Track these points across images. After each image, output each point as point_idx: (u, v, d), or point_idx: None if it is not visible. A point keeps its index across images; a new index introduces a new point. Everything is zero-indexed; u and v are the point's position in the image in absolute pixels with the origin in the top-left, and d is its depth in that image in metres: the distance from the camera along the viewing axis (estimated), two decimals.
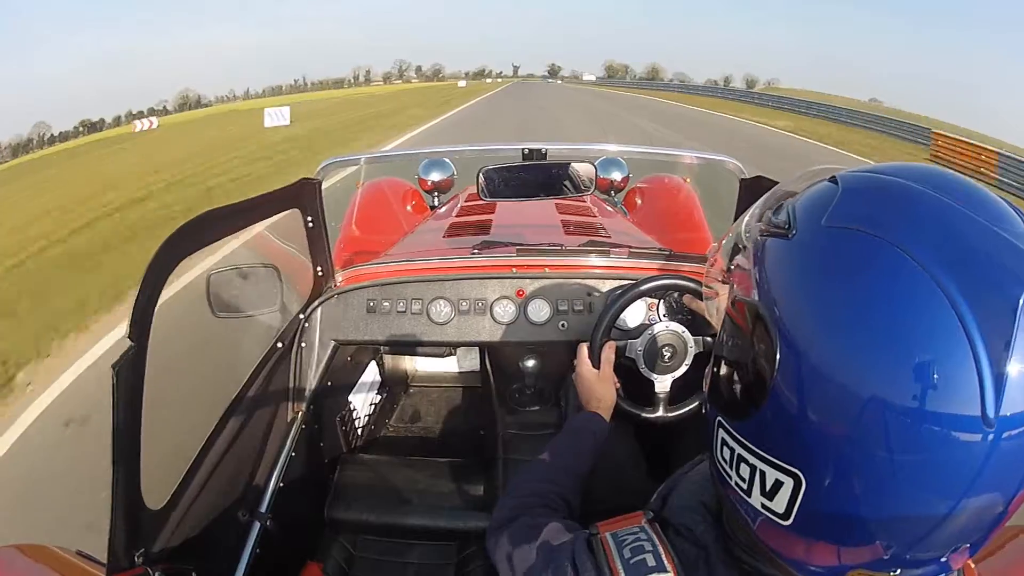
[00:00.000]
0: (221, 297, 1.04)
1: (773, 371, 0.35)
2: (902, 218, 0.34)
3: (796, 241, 0.37)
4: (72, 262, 5.04)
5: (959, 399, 0.31)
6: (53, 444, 2.44)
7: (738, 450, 0.39)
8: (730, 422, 0.41)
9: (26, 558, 0.83)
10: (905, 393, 0.31)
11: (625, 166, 2.58)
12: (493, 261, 1.29)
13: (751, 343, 0.38)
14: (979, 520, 0.34)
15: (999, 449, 0.31)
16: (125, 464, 0.65)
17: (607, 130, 13.96)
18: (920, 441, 0.32)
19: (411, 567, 1.26)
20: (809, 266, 0.36)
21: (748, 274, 0.40)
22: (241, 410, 1.00)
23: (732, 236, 0.45)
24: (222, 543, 0.95)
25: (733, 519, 0.45)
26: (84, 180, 10.75)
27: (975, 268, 0.32)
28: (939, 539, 0.35)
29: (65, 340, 3.41)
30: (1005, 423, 0.31)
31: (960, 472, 0.32)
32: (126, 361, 0.62)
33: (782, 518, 0.37)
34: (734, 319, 0.41)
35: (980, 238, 0.33)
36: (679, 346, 1.08)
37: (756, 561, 0.44)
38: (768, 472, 0.37)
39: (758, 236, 0.40)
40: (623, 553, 0.47)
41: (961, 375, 0.31)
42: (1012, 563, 0.75)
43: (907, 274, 0.32)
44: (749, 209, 0.45)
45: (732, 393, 0.41)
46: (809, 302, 0.35)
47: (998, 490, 0.33)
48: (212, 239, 0.80)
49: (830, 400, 0.33)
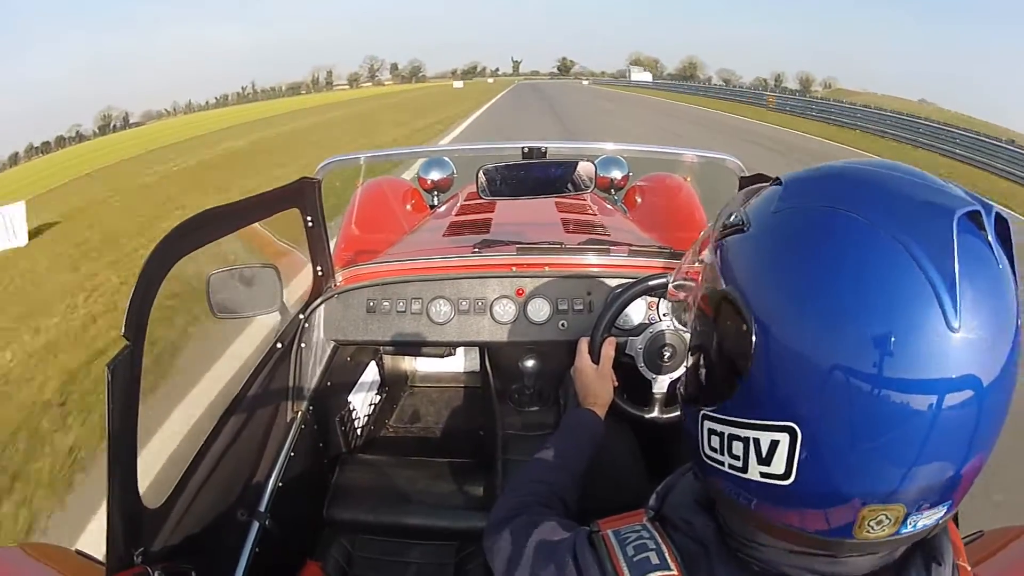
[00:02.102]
0: (221, 297, 1.04)
1: (751, 346, 0.39)
2: (839, 187, 0.40)
3: (750, 232, 0.42)
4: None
5: (922, 316, 0.34)
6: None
7: (728, 431, 0.42)
8: (716, 408, 0.43)
9: (26, 557, 0.83)
10: (873, 322, 0.35)
11: (625, 164, 2.58)
12: (493, 260, 1.29)
13: (724, 326, 0.42)
14: (941, 473, 0.37)
15: (964, 343, 0.35)
16: (122, 463, 0.65)
17: None
18: (898, 360, 0.35)
19: (411, 567, 1.26)
20: (765, 245, 0.41)
21: (713, 269, 0.44)
22: (241, 410, 1.00)
23: (697, 241, 0.50)
24: (221, 542, 0.95)
25: (728, 510, 0.46)
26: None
27: (908, 208, 0.37)
28: (943, 478, 0.37)
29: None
30: (970, 360, 0.35)
31: (938, 383, 0.35)
32: (122, 360, 0.62)
33: (783, 478, 0.39)
34: (707, 310, 0.45)
35: (908, 187, 0.38)
36: (679, 346, 1.08)
37: (753, 550, 0.45)
38: (762, 437, 0.39)
39: (717, 240, 0.45)
40: (626, 550, 0.47)
41: (920, 297, 0.35)
42: (1012, 563, 0.75)
43: (855, 229, 0.37)
44: (708, 230, 0.49)
45: (713, 378, 0.43)
46: (771, 276, 0.39)
47: (993, 428, 0.37)
48: (210, 239, 0.80)
49: (811, 355, 0.37)
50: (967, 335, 0.34)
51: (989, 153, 12.56)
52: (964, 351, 0.34)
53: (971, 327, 0.34)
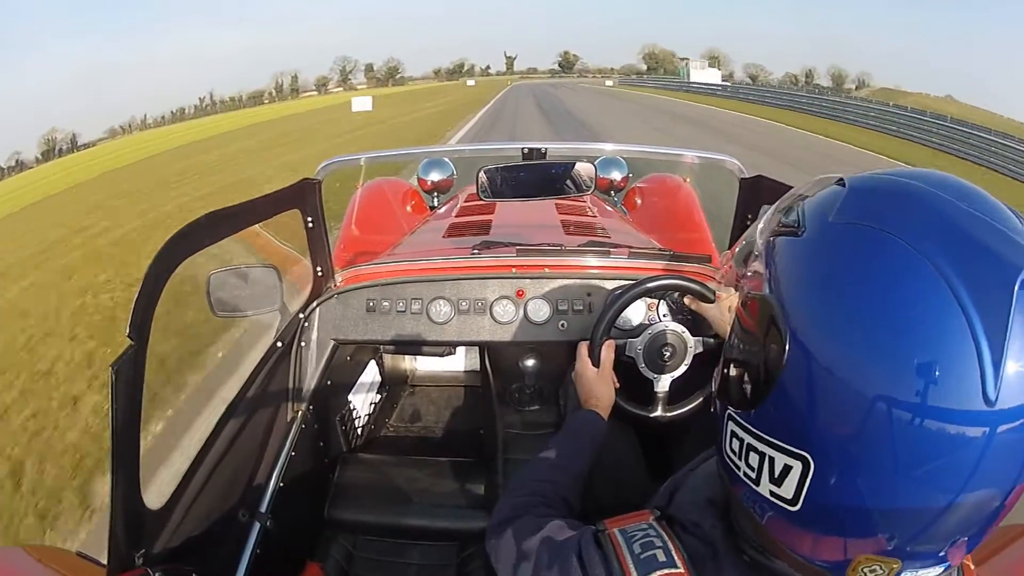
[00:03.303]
0: (221, 297, 1.04)
1: (782, 360, 0.37)
2: (903, 212, 0.36)
3: (805, 238, 0.39)
4: None
5: (959, 381, 0.32)
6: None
7: (747, 440, 0.41)
8: (740, 414, 0.42)
9: (27, 558, 0.83)
10: (905, 377, 0.33)
11: (625, 166, 2.58)
12: (493, 261, 1.29)
13: (761, 336, 0.40)
14: (978, 513, 0.35)
15: (996, 442, 0.32)
16: (124, 464, 0.65)
17: None
18: (921, 430, 0.33)
19: (411, 567, 1.26)
20: (816, 260, 0.38)
21: (759, 271, 0.42)
22: (241, 410, 1.00)
23: (745, 243, 0.47)
24: (222, 543, 0.95)
25: (741, 515, 0.46)
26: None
27: (973, 255, 0.33)
28: (939, 531, 0.36)
29: None
30: (1003, 416, 0.32)
31: (960, 464, 0.33)
32: (125, 360, 0.62)
33: (790, 504, 0.38)
34: (744, 316, 0.43)
35: (977, 229, 0.34)
36: (679, 346, 1.08)
37: (763, 557, 0.44)
38: (777, 458, 0.38)
39: (770, 236, 0.42)
40: (633, 549, 0.47)
41: (961, 355, 0.32)
42: (1013, 564, 0.75)
43: (908, 263, 0.34)
44: (763, 215, 0.47)
45: (743, 386, 0.42)
46: (815, 293, 0.37)
47: (995, 484, 0.34)
48: (213, 240, 0.80)
49: (835, 387, 0.35)
50: (1003, 409, 0.32)
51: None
52: (997, 429, 0.32)
53: (1010, 402, 0.32)
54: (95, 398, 2.84)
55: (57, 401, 2.89)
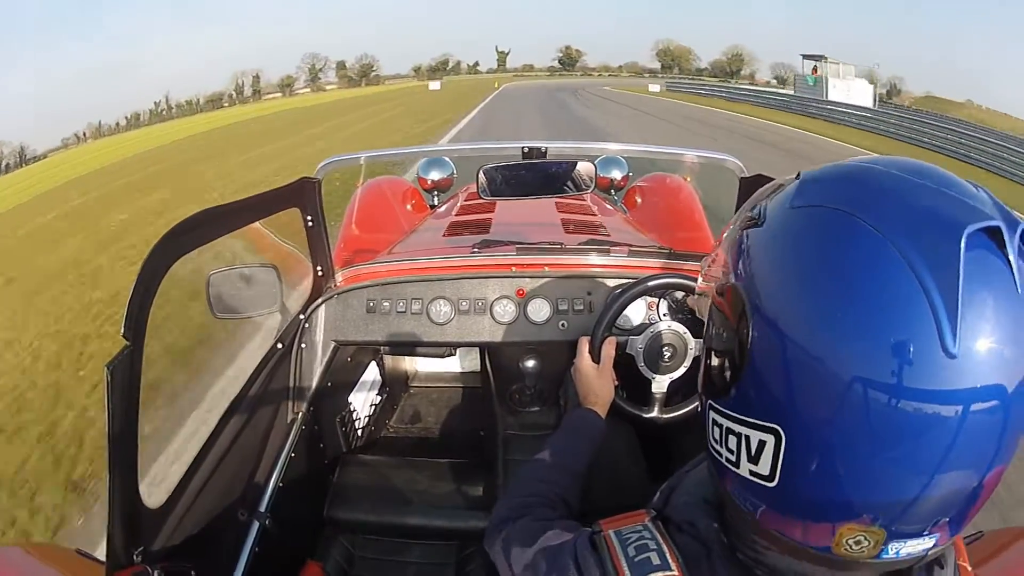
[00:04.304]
0: (221, 298, 1.03)
1: (748, 342, 0.39)
2: (850, 190, 0.38)
3: (765, 227, 0.41)
4: None
5: (917, 340, 0.33)
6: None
7: (726, 424, 0.42)
8: (718, 400, 0.44)
9: (27, 557, 0.84)
10: (863, 346, 0.34)
11: (625, 164, 2.57)
12: (493, 260, 1.29)
13: (729, 322, 0.42)
14: (957, 494, 0.36)
15: (970, 421, 0.33)
16: (122, 463, 0.65)
17: None
18: (884, 402, 0.34)
19: (411, 567, 1.26)
20: (772, 243, 0.40)
21: (727, 262, 0.44)
22: (241, 410, 1.00)
23: (723, 240, 0.48)
24: (222, 542, 0.95)
25: (735, 512, 0.46)
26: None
27: (919, 219, 0.35)
28: (919, 511, 0.36)
29: None
30: (975, 395, 0.33)
31: (933, 443, 0.34)
32: (122, 360, 0.62)
33: (767, 480, 0.40)
34: (715, 305, 0.45)
35: (924, 197, 0.36)
36: (680, 346, 1.08)
37: (758, 554, 0.44)
38: (752, 436, 0.40)
39: (737, 233, 0.44)
40: (627, 551, 0.47)
41: (918, 316, 0.33)
42: (1013, 565, 0.75)
43: (858, 235, 0.36)
44: (734, 220, 0.48)
45: (720, 373, 0.44)
46: (772, 274, 0.39)
47: (971, 465, 0.35)
48: (209, 238, 0.80)
49: (796, 362, 0.37)
50: (966, 361, 0.33)
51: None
52: (962, 378, 0.33)
53: (973, 352, 0.33)
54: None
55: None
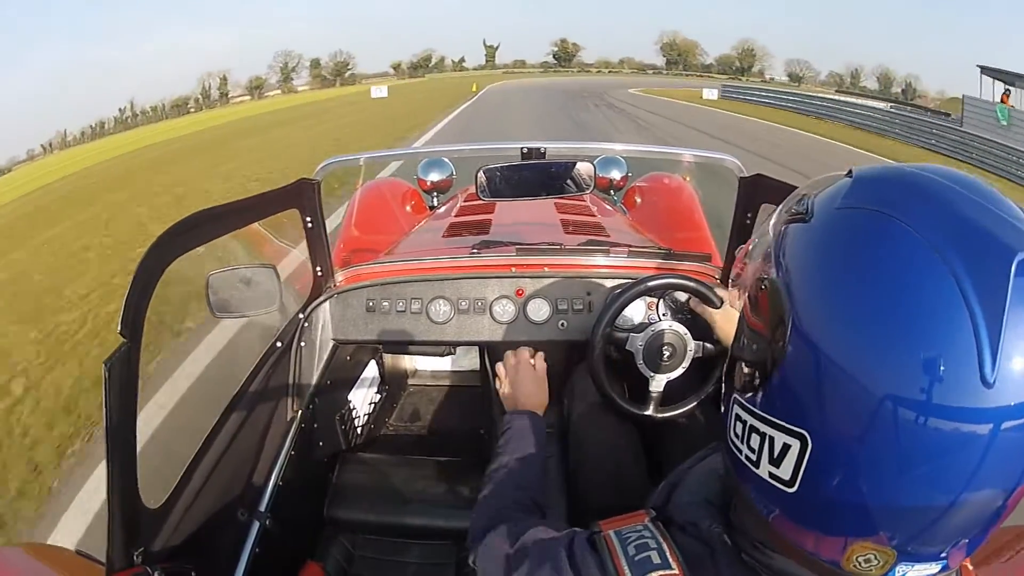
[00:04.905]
0: (221, 297, 1.03)
1: (786, 342, 0.38)
2: (906, 197, 0.37)
3: (812, 224, 0.40)
4: None
5: (957, 362, 0.32)
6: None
7: (750, 421, 0.41)
8: (744, 396, 0.43)
9: (27, 557, 0.84)
10: (905, 364, 0.33)
11: (625, 165, 2.58)
12: (492, 261, 1.29)
13: (767, 318, 0.41)
14: (980, 513, 0.35)
15: (1000, 439, 0.32)
16: (121, 462, 0.65)
17: None
18: (920, 420, 0.33)
19: (410, 566, 1.26)
20: (820, 243, 0.39)
21: (768, 257, 0.43)
22: (240, 409, 1.00)
23: (759, 240, 0.47)
24: (221, 542, 0.95)
25: (745, 513, 0.45)
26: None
27: (972, 239, 0.34)
28: (940, 531, 0.36)
29: None
30: (1006, 413, 0.32)
31: (962, 462, 0.33)
32: (119, 358, 0.62)
33: (787, 485, 0.39)
34: (752, 302, 0.44)
35: (977, 214, 0.35)
36: (679, 347, 1.08)
37: (764, 556, 0.44)
38: (777, 437, 0.39)
39: (781, 226, 0.43)
40: (627, 550, 0.47)
41: (960, 337, 0.32)
42: (1013, 565, 0.74)
43: (909, 246, 0.34)
44: (775, 211, 0.47)
45: (750, 368, 0.43)
46: (819, 275, 0.38)
47: (998, 484, 0.34)
48: (207, 238, 0.80)
49: (835, 371, 0.35)
50: (1002, 384, 0.32)
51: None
52: (996, 398, 0.32)
53: (1009, 378, 0.32)
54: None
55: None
